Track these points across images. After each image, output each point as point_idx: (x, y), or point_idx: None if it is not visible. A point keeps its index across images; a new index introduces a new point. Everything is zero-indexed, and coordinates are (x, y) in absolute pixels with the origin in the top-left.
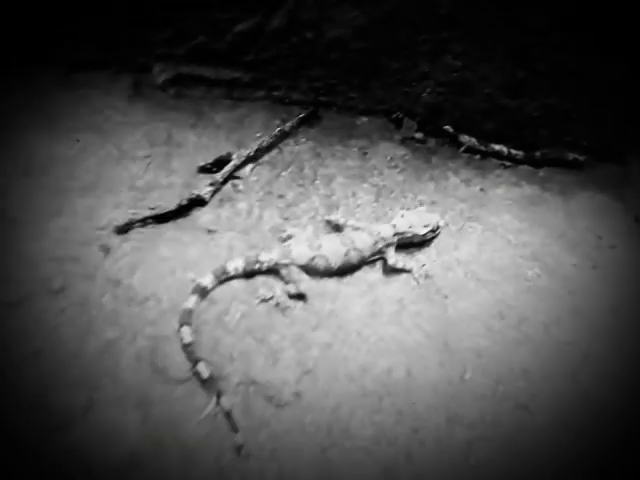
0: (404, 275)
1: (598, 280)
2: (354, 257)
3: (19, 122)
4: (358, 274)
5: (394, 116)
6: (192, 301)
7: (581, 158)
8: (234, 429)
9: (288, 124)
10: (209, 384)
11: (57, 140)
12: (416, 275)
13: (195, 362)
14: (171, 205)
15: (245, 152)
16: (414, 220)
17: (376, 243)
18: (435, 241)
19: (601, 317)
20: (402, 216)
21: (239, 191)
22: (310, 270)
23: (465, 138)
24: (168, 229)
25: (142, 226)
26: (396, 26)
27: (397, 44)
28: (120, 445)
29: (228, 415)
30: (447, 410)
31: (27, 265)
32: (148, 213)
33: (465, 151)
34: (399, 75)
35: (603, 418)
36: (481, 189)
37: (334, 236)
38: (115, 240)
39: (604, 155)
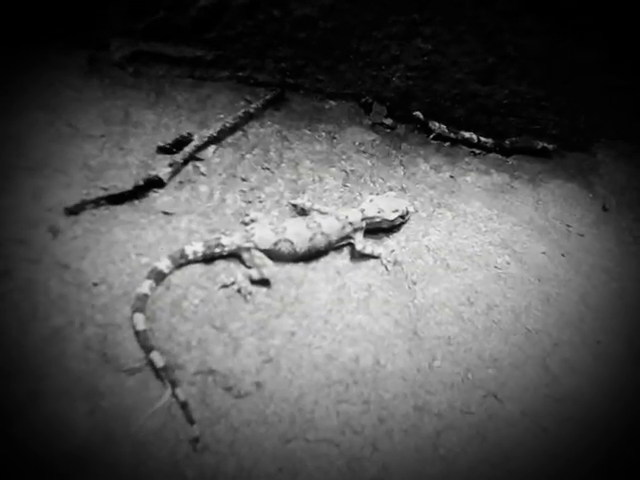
0: (372, 261)
1: (567, 268)
2: (320, 242)
3: None
4: (325, 259)
5: (363, 100)
6: (146, 286)
7: (550, 147)
8: (190, 421)
9: (253, 105)
10: (163, 374)
11: (4, 117)
12: (385, 261)
13: (149, 350)
14: (127, 186)
15: (207, 133)
16: (383, 205)
17: (344, 228)
18: (404, 227)
19: (571, 305)
20: (371, 201)
21: (200, 173)
22: (274, 255)
23: (435, 125)
24: (123, 211)
25: (94, 207)
26: (365, 5)
27: (366, 25)
28: (68, 439)
29: (184, 406)
30: (415, 399)
31: None
32: (101, 193)
33: (435, 138)
34: (368, 58)
35: (573, 406)
36: (451, 176)
37: (300, 220)
38: (65, 222)
39: (573, 144)
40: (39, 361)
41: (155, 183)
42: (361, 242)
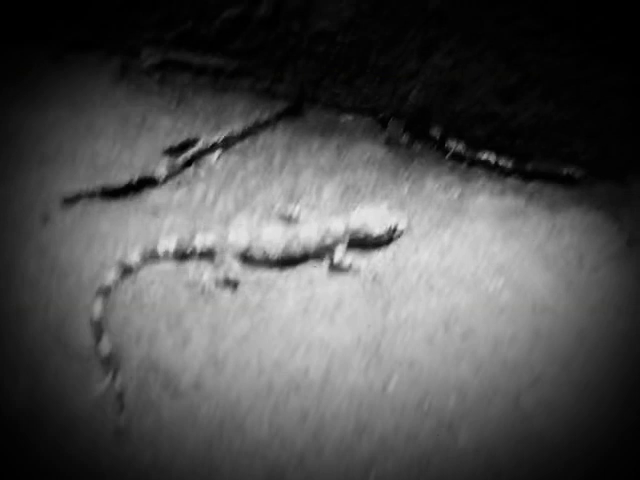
0: (351, 274)
1: (569, 301)
2: (296, 250)
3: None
4: (301, 268)
5: (380, 116)
6: (111, 278)
7: (576, 174)
8: (120, 411)
9: (266, 115)
10: (107, 362)
11: (30, 114)
12: (363, 275)
13: (98, 339)
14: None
15: (214, 138)
16: (370, 218)
17: (324, 239)
18: (394, 244)
19: (564, 341)
20: (358, 213)
21: (199, 176)
22: (246, 259)
23: (452, 144)
24: (115, 206)
25: (89, 200)
26: (384, 20)
27: (385, 39)
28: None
29: (119, 397)
30: (358, 419)
31: None
32: (97, 188)
33: (451, 157)
34: (387, 72)
35: (541, 450)
36: (459, 196)
37: (279, 227)
38: (58, 211)
39: (604, 172)
40: None
41: (148, 182)
42: (340, 254)
